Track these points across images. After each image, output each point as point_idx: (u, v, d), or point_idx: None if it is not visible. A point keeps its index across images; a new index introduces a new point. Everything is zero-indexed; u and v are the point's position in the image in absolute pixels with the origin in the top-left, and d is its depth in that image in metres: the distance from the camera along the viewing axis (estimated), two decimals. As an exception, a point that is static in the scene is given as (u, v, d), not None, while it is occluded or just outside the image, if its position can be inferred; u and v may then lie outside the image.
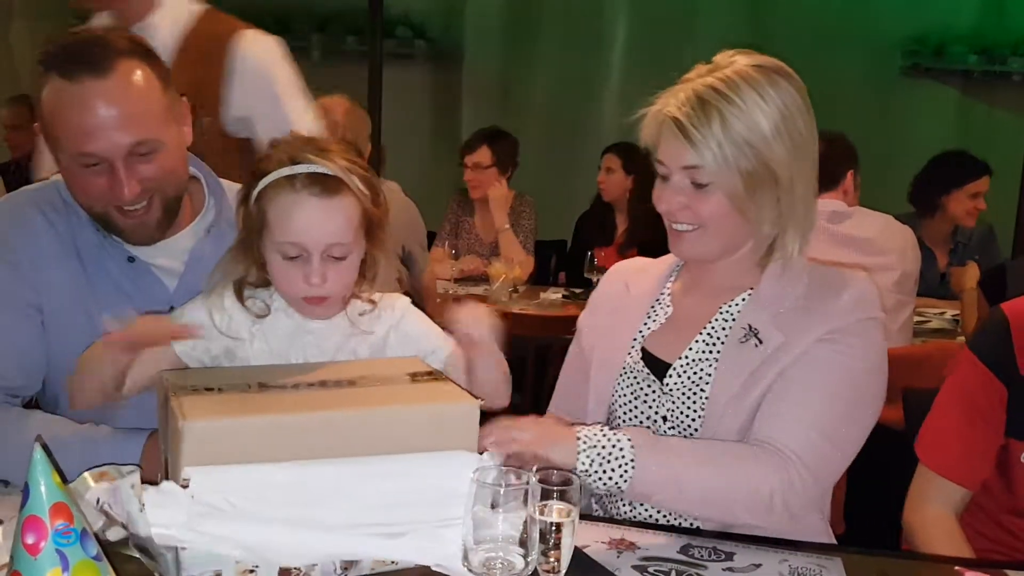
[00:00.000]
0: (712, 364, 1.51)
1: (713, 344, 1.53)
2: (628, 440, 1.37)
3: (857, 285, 1.50)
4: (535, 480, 1.13)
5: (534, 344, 3.25)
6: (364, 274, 1.46)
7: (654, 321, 1.62)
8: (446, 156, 6.22)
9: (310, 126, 2.36)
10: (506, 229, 4.36)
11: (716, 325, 1.55)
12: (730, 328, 1.52)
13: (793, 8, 5.73)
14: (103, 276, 1.62)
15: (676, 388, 1.53)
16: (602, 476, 1.35)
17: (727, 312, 1.55)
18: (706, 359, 1.52)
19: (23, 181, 1.80)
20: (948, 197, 4.11)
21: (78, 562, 0.96)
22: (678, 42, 5.83)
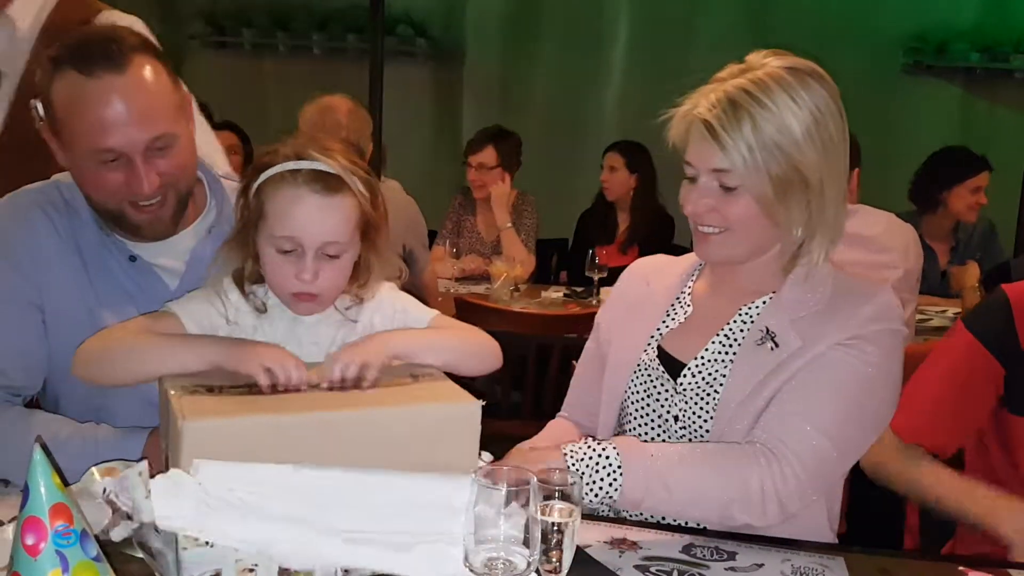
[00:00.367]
0: (727, 365, 1.50)
1: (730, 346, 1.52)
2: (613, 448, 1.38)
3: (881, 297, 1.49)
4: (536, 480, 1.12)
5: (535, 343, 3.25)
6: (356, 276, 1.46)
7: (673, 320, 1.61)
8: (447, 155, 6.23)
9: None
10: (508, 228, 4.35)
11: (734, 327, 1.53)
12: (748, 330, 1.51)
13: (794, 6, 5.71)
14: (105, 276, 1.61)
15: (690, 388, 1.52)
16: (592, 487, 1.36)
17: (746, 314, 1.54)
18: (721, 360, 1.51)
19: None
20: (949, 193, 4.11)
21: (78, 563, 0.95)
22: (679, 41, 5.82)
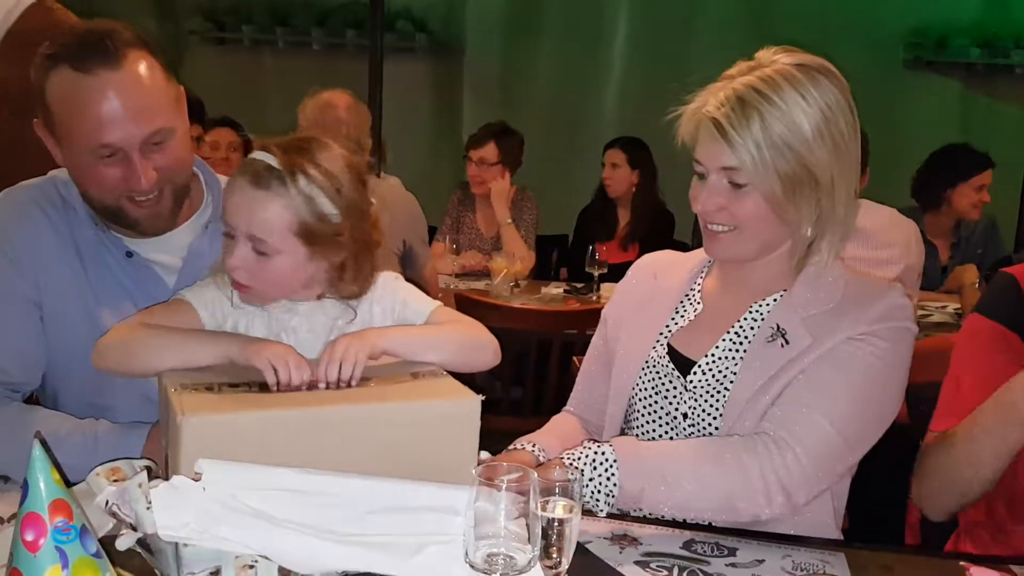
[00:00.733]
0: (737, 363, 1.49)
1: (740, 343, 1.51)
2: (609, 446, 1.39)
3: (893, 296, 1.48)
4: (536, 476, 1.12)
5: (535, 339, 3.24)
6: (340, 280, 1.44)
7: (682, 317, 1.60)
8: (447, 150, 6.22)
9: None
10: (508, 224, 4.35)
11: (744, 324, 1.53)
12: (758, 328, 1.51)
13: (795, 1, 5.71)
14: (102, 272, 1.62)
15: (700, 386, 1.52)
16: (588, 485, 1.36)
17: (757, 312, 1.53)
18: (731, 358, 1.50)
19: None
20: (953, 191, 4.11)
21: (78, 559, 0.95)
22: (679, 36, 5.81)
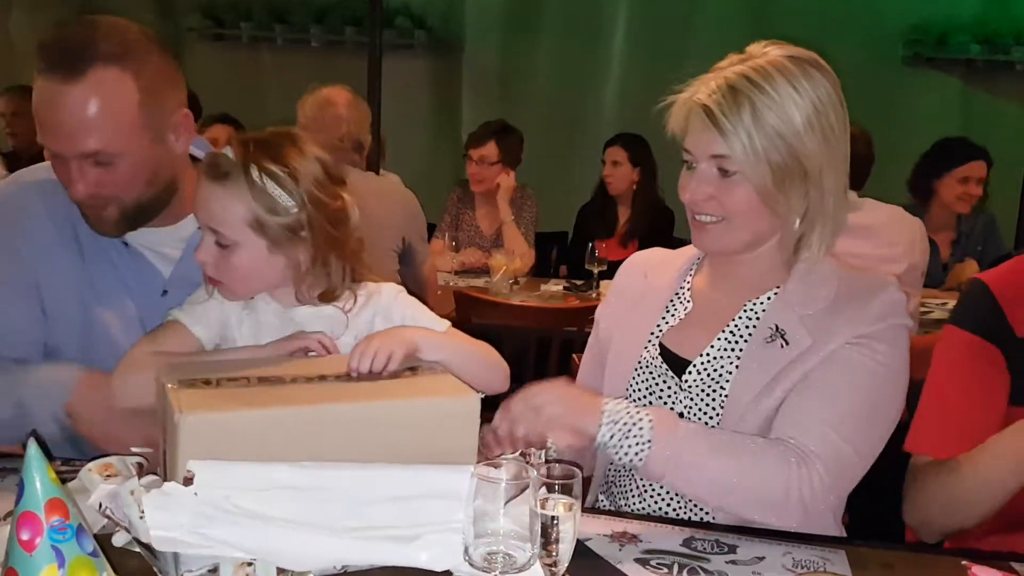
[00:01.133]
0: (733, 362, 1.48)
1: (736, 342, 1.50)
2: (649, 420, 1.37)
3: (887, 291, 1.48)
4: (536, 474, 1.12)
5: (535, 336, 3.24)
6: (304, 277, 1.46)
7: (673, 316, 1.59)
8: (446, 147, 6.21)
9: None
10: (509, 221, 4.35)
11: (740, 323, 1.52)
12: (755, 327, 1.50)
13: (794, -2, 5.70)
14: (101, 262, 1.65)
15: (695, 385, 1.51)
16: (618, 451, 1.37)
17: (751, 310, 1.52)
18: (727, 357, 1.49)
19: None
20: (939, 182, 4.13)
21: (74, 558, 0.95)
22: (679, 33, 5.80)
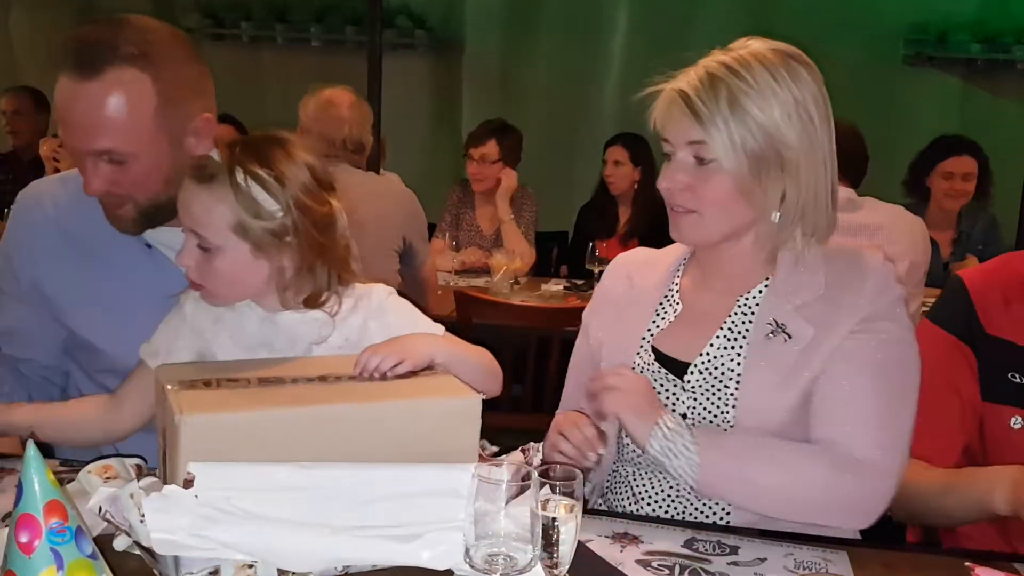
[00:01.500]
0: (736, 360, 1.47)
1: (735, 340, 1.49)
2: (693, 441, 1.38)
3: (875, 267, 1.48)
4: (537, 475, 1.11)
5: (535, 336, 3.23)
6: (293, 282, 1.43)
7: (663, 319, 1.57)
8: (446, 147, 6.21)
9: None
10: (509, 220, 4.34)
11: (736, 319, 1.51)
12: (751, 322, 1.49)
13: (795, -4, 5.70)
14: (120, 265, 1.67)
15: (698, 386, 1.49)
16: (670, 469, 1.39)
17: (745, 305, 1.51)
18: (728, 355, 1.48)
19: (22, 169, 1.87)
20: (929, 179, 4.15)
21: (73, 561, 0.94)
22: (679, 31, 5.79)
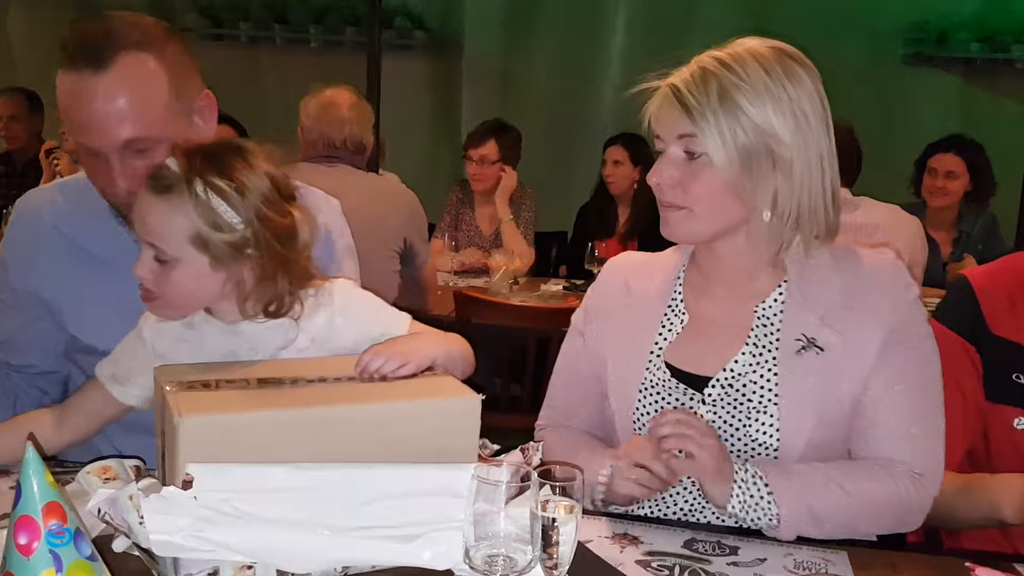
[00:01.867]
0: (765, 376, 1.44)
1: (760, 354, 1.46)
2: (768, 491, 1.36)
3: (889, 268, 1.47)
4: (537, 476, 1.11)
5: (534, 336, 3.23)
6: (251, 294, 1.38)
7: (670, 330, 1.53)
8: (445, 147, 6.21)
9: None
10: (508, 220, 4.34)
11: (757, 332, 1.47)
12: (774, 335, 1.46)
13: (794, -4, 5.70)
14: (122, 268, 1.63)
15: (719, 399, 1.46)
16: (747, 523, 1.37)
17: (763, 316, 1.48)
18: (755, 370, 1.45)
19: (16, 172, 1.84)
20: (924, 176, 4.16)
21: (72, 562, 0.94)
22: (678, 31, 5.79)
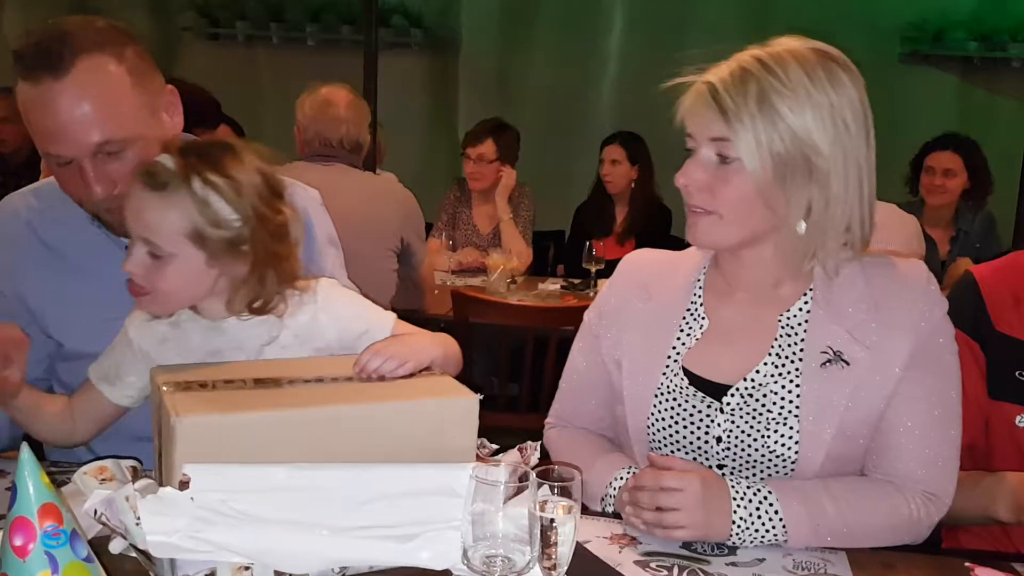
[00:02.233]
0: (786, 387, 1.41)
1: (783, 364, 1.42)
2: (782, 526, 1.34)
3: (919, 283, 1.43)
4: (535, 476, 1.11)
5: (532, 335, 3.23)
6: (242, 291, 1.38)
7: (689, 336, 1.49)
8: (443, 146, 6.20)
9: None
10: (507, 219, 4.33)
11: (781, 341, 1.44)
12: (798, 345, 1.42)
13: (791, -6, 5.69)
14: (103, 272, 1.61)
15: (738, 408, 1.42)
16: (755, 536, 1.34)
17: (788, 326, 1.44)
18: (777, 380, 1.42)
19: (10, 175, 1.81)
20: (921, 175, 4.16)
21: (68, 564, 0.94)
22: (676, 30, 5.78)
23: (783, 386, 1.41)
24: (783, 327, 1.45)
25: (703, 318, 1.50)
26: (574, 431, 1.62)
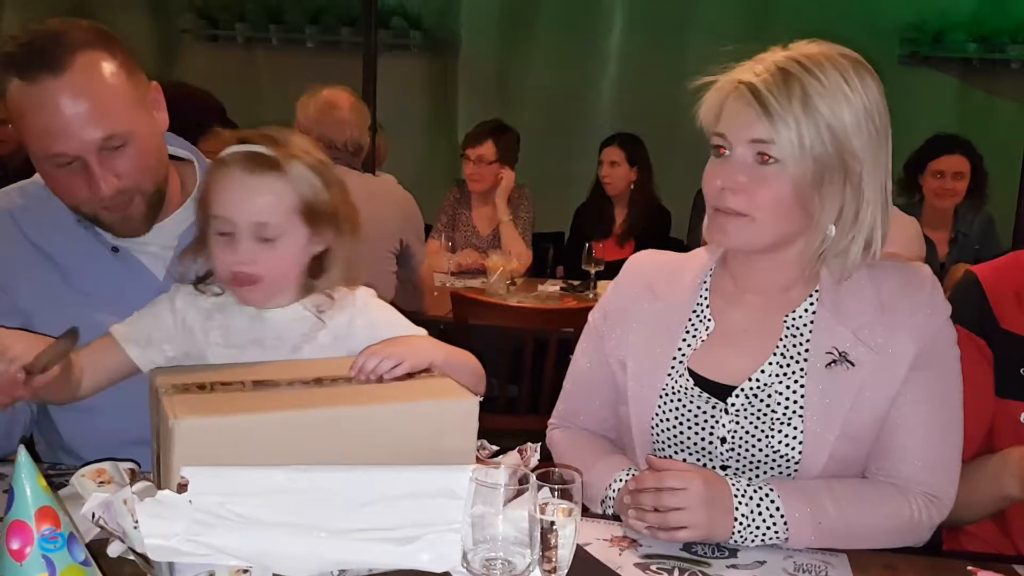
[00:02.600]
0: (791, 388, 1.41)
1: (787, 365, 1.43)
2: (784, 523, 1.34)
3: (924, 286, 1.43)
4: (535, 478, 1.10)
5: (532, 337, 3.23)
6: (319, 267, 1.46)
7: (694, 337, 1.49)
8: (442, 148, 6.20)
9: None
10: (507, 220, 4.33)
11: (786, 342, 1.44)
12: (803, 346, 1.43)
13: (791, -5, 5.70)
14: (87, 272, 1.60)
15: (742, 409, 1.42)
16: (756, 535, 1.34)
17: (793, 327, 1.44)
18: (781, 380, 1.42)
19: (8, 176, 1.78)
20: (922, 177, 4.15)
21: (65, 567, 0.93)
22: (676, 31, 5.78)
23: (788, 387, 1.41)
24: (788, 328, 1.45)
25: (709, 320, 1.50)
26: (577, 432, 1.62)
